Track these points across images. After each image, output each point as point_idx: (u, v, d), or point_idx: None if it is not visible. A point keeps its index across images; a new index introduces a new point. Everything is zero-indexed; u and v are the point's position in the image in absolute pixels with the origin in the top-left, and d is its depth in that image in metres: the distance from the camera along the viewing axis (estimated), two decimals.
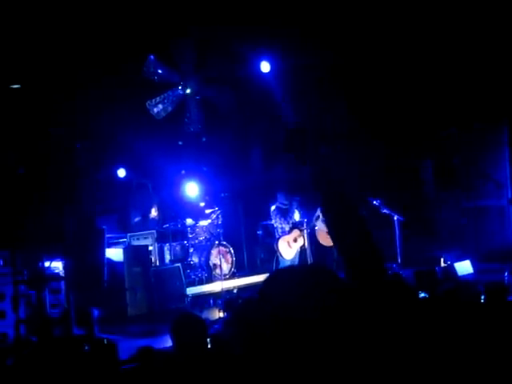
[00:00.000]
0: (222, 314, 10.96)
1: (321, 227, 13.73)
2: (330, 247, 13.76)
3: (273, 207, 13.39)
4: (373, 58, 15.10)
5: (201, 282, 13.69)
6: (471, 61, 14.40)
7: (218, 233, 14.41)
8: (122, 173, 15.96)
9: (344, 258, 2.54)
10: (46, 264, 9.94)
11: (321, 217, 13.80)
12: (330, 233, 2.60)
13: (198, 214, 14.78)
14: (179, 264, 13.16)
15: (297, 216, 13.62)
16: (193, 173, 15.67)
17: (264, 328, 2.17)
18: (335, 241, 2.62)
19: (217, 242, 14.03)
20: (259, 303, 2.32)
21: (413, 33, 14.38)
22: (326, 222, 2.35)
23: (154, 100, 15.58)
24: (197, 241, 14.49)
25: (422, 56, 14.67)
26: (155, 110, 15.56)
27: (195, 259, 14.18)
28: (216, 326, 9.25)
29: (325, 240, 13.79)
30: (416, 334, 3.35)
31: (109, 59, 13.63)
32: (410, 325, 3.32)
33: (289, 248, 13.10)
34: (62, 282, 10.37)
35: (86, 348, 4.58)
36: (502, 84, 14.50)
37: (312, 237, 13.59)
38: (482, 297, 5.82)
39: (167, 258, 14.02)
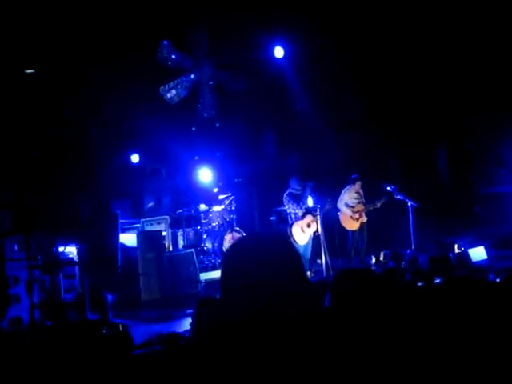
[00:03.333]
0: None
1: (344, 211, 13.72)
2: (352, 232, 13.78)
3: (285, 193, 13.36)
4: (389, 44, 15.01)
5: (214, 268, 13.70)
6: (487, 48, 14.29)
7: (232, 218, 14.42)
8: (135, 158, 16.00)
9: None
10: (61, 249, 9.97)
11: (342, 201, 13.82)
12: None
13: (212, 200, 14.78)
14: (192, 249, 13.16)
15: (310, 202, 13.59)
16: (206, 158, 15.68)
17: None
18: None
19: (230, 228, 14.04)
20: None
21: (431, 18, 14.28)
22: None
23: (167, 85, 15.58)
24: (210, 226, 14.49)
25: (437, 42, 14.57)
26: (168, 95, 15.56)
27: (208, 245, 14.20)
28: None
29: (347, 224, 13.80)
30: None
31: (123, 45, 13.63)
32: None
33: (302, 233, 13.08)
34: (76, 267, 10.39)
35: (104, 332, 4.59)
36: None
37: (325, 222, 13.56)
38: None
39: (180, 243, 14.05)
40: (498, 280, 6.10)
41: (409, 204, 13.31)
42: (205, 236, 14.30)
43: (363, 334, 3.02)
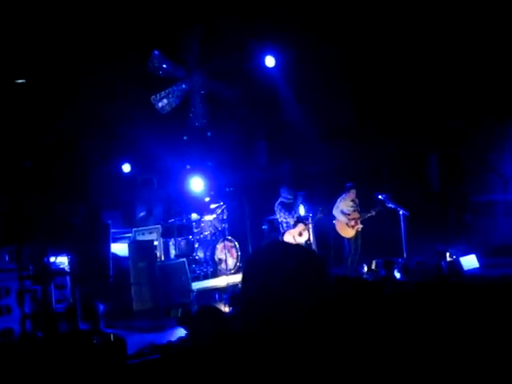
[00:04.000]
0: (227, 309, 10.94)
1: (340, 218, 13.71)
2: (348, 239, 13.76)
3: (276, 202, 13.37)
4: (380, 52, 15.05)
5: (206, 277, 13.66)
6: (479, 55, 14.34)
7: (223, 227, 14.39)
8: (126, 168, 15.98)
9: None
10: (52, 259, 9.92)
11: (337, 208, 13.82)
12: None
13: (203, 209, 14.74)
14: (184, 259, 13.12)
15: (302, 210, 13.61)
16: (198, 167, 15.66)
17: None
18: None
19: (222, 237, 14.02)
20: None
21: (421, 24, 14.32)
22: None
23: (158, 95, 15.57)
24: (202, 236, 14.45)
25: (429, 49, 14.61)
26: (160, 104, 15.55)
27: (200, 254, 14.15)
28: None
29: (343, 231, 13.79)
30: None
31: (114, 54, 13.62)
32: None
33: (294, 242, 13.08)
34: (68, 277, 10.35)
35: (95, 341, 4.57)
36: (508, 78, 14.44)
37: (318, 230, 13.56)
38: None
39: (172, 252, 13.99)
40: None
41: (400, 212, 13.33)
42: (197, 245, 14.25)
43: (356, 343, 3.00)
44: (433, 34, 14.38)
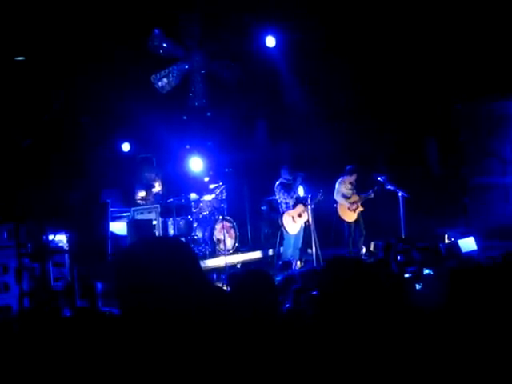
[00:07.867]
0: (225, 289, 10.95)
1: (342, 202, 13.73)
2: (349, 223, 13.79)
3: (277, 182, 13.36)
4: (378, 34, 14.98)
5: (204, 257, 13.69)
6: (476, 36, 14.26)
7: (222, 208, 14.40)
8: (126, 147, 15.96)
9: None
10: (50, 237, 9.92)
11: (339, 193, 13.82)
12: None
13: (202, 189, 14.75)
14: (183, 239, 13.14)
15: (301, 191, 13.61)
16: (197, 147, 15.64)
17: None
18: None
19: (221, 217, 14.03)
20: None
21: (421, 6, 14.25)
22: None
23: (158, 74, 15.52)
24: (201, 215, 14.47)
25: (426, 29, 14.54)
26: (160, 83, 15.50)
27: (199, 234, 14.18)
28: None
29: (346, 215, 13.81)
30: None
31: (114, 33, 13.55)
32: None
33: (293, 223, 13.10)
34: (66, 256, 10.36)
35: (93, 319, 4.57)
36: (507, 59, 14.37)
37: (318, 212, 13.55)
38: None
39: (171, 232, 14.01)
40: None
41: (399, 194, 13.33)
42: (195, 225, 14.28)
43: (353, 324, 3.01)
44: (432, 16, 14.31)
